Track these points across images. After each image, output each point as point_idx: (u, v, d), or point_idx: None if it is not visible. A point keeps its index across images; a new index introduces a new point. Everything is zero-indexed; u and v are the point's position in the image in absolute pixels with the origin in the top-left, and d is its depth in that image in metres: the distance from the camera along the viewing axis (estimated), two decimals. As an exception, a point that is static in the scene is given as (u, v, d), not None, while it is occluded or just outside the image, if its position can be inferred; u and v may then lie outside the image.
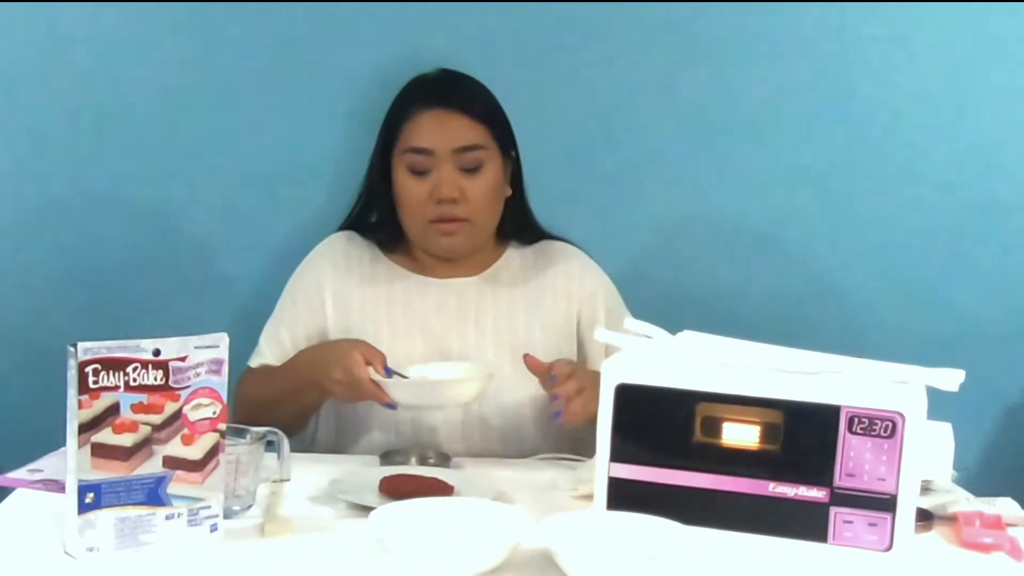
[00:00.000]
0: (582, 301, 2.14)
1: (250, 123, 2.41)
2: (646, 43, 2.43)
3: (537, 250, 2.19)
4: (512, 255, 2.17)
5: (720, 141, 2.47)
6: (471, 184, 2.04)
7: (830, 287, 2.51)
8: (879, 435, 1.47)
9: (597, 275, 2.18)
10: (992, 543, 1.58)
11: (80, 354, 1.40)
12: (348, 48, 2.40)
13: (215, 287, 2.44)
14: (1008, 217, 2.49)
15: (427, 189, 2.03)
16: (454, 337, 2.08)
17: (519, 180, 2.15)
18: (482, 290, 2.12)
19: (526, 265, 2.17)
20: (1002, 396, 2.53)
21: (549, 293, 2.14)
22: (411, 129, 2.04)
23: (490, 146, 2.06)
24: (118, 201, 2.42)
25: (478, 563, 1.41)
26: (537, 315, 2.12)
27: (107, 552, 1.44)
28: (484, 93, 2.11)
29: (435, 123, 2.04)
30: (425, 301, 2.10)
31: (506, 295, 2.12)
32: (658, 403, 1.55)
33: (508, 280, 2.14)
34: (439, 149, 2.02)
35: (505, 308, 2.12)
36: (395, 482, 1.69)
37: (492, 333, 2.09)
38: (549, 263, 2.16)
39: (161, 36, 2.38)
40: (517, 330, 2.10)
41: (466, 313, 2.10)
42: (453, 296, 2.11)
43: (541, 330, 2.11)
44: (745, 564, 1.50)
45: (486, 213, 2.08)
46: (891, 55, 2.44)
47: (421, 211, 2.04)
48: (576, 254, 2.19)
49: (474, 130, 2.04)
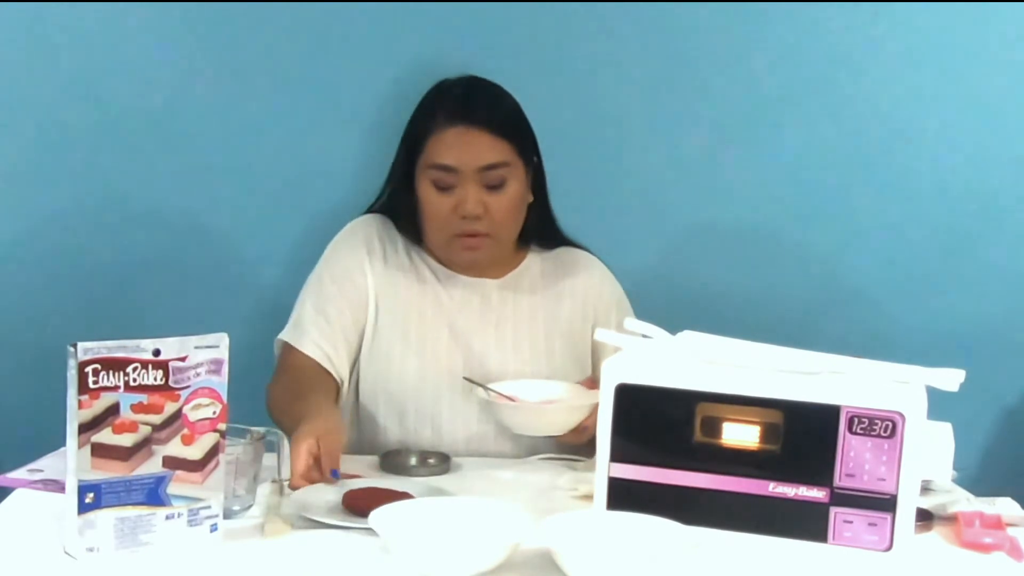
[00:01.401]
0: (597, 311, 2.15)
1: (263, 127, 2.41)
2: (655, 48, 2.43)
3: (557, 256, 2.19)
4: (533, 260, 2.18)
5: (722, 143, 2.47)
6: (494, 200, 2.04)
7: (830, 287, 2.51)
8: (879, 435, 1.47)
9: (614, 287, 2.19)
10: (992, 543, 1.58)
11: (80, 354, 1.40)
12: (364, 51, 2.39)
13: (222, 289, 2.44)
14: (1008, 217, 2.49)
15: (451, 204, 2.03)
16: (475, 336, 2.08)
17: (542, 185, 2.15)
18: (503, 294, 2.12)
19: (546, 271, 2.17)
20: (1002, 396, 2.54)
21: (567, 301, 2.14)
22: (435, 145, 2.03)
23: (514, 161, 2.05)
24: (119, 202, 2.42)
25: (478, 563, 1.41)
26: (556, 321, 2.13)
27: (107, 552, 1.44)
28: (508, 104, 2.09)
29: (459, 141, 2.02)
30: (452, 296, 2.11)
31: (526, 301, 2.13)
32: (658, 403, 1.55)
33: (528, 286, 2.15)
34: (463, 167, 2.02)
35: (525, 313, 2.12)
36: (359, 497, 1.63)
37: (512, 337, 2.10)
38: (569, 271, 2.17)
39: (174, 38, 2.38)
40: (537, 335, 2.11)
41: (488, 314, 2.11)
42: (476, 296, 2.11)
43: (560, 336, 2.12)
44: (745, 564, 1.50)
45: (509, 227, 2.08)
46: (893, 56, 2.44)
47: (445, 225, 2.04)
48: (596, 264, 2.19)
49: (498, 147, 2.03)
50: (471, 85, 2.11)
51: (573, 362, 2.11)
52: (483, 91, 2.10)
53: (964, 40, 2.44)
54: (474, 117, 2.04)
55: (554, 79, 2.41)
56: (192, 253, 2.44)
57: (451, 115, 2.04)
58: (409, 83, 2.20)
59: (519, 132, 2.08)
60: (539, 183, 2.14)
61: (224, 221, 2.44)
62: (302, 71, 2.40)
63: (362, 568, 1.45)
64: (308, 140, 2.42)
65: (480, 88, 2.11)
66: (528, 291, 2.14)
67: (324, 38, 2.40)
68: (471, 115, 2.04)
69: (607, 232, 2.40)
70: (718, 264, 2.51)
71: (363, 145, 2.39)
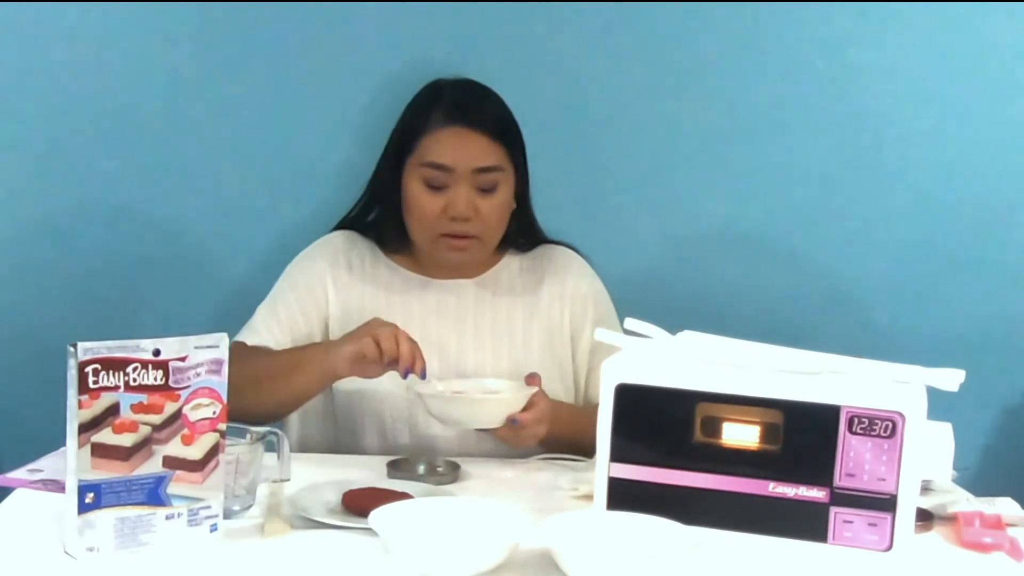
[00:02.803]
0: (573, 303, 2.15)
1: (252, 126, 2.41)
2: (651, 49, 2.43)
3: (535, 255, 2.19)
4: (511, 259, 2.18)
5: (722, 144, 2.47)
6: (485, 203, 2.04)
7: (830, 287, 2.51)
8: (879, 435, 1.47)
9: (591, 281, 2.18)
10: (992, 543, 1.58)
11: (80, 354, 1.40)
12: (350, 54, 2.40)
13: (216, 289, 2.44)
14: (1008, 217, 2.49)
15: (441, 204, 2.02)
16: (452, 338, 2.08)
17: (525, 191, 2.15)
18: (481, 294, 2.12)
19: (524, 269, 2.17)
20: (1002, 396, 2.54)
21: (545, 297, 2.14)
22: (430, 143, 2.03)
23: (506, 166, 2.06)
24: (118, 203, 2.42)
25: (478, 563, 1.41)
26: (535, 319, 2.13)
27: (107, 552, 1.44)
28: (503, 109, 2.10)
29: (456, 141, 2.03)
30: (425, 302, 2.10)
31: (505, 299, 2.13)
32: (658, 403, 1.55)
33: (507, 284, 2.15)
34: (459, 168, 2.02)
35: (504, 312, 2.12)
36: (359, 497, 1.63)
37: (490, 336, 2.10)
38: (546, 267, 2.17)
39: (164, 39, 2.38)
40: (515, 334, 2.11)
41: (464, 315, 2.10)
42: (452, 297, 2.11)
43: (538, 333, 2.12)
44: (745, 564, 1.50)
45: (496, 230, 2.09)
46: (892, 56, 2.44)
47: (433, 224, 2.04)
48: (573, 258, 2.19)
49: (493, 151, 2.04)
50: (469, 87, 2.11)
51: (552, 358, 2.10)
52: (481, 94, 2.11)
53: (965, 40, 2.44)
54: (473, 119, 2.04)
55: (550, 80, 2.42)
56: (190, 253, 2.44)
57: (449, 115, 2.04)
58: (396, 85, 2.20)
59: (513, 138, 2.09)
60: (523, 191, 2.13)
61: (221, 222, 2.44)
62: (292, 71, 2.41)
63: (362, 568, 1.45)
64: (299, 141, 2.43)
65: (478, 91, 2.11)
66: (506, 288, 2.14)
67: (311, 41, 2.40)
68: (469, 116, 2.04)
69: (607, 232, 2.41)
70: (718, 264, 2.51)
71: (350, 146, 2.39)
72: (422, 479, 1.83)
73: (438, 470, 1.88)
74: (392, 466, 1.87)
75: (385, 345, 1.85)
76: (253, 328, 2.06)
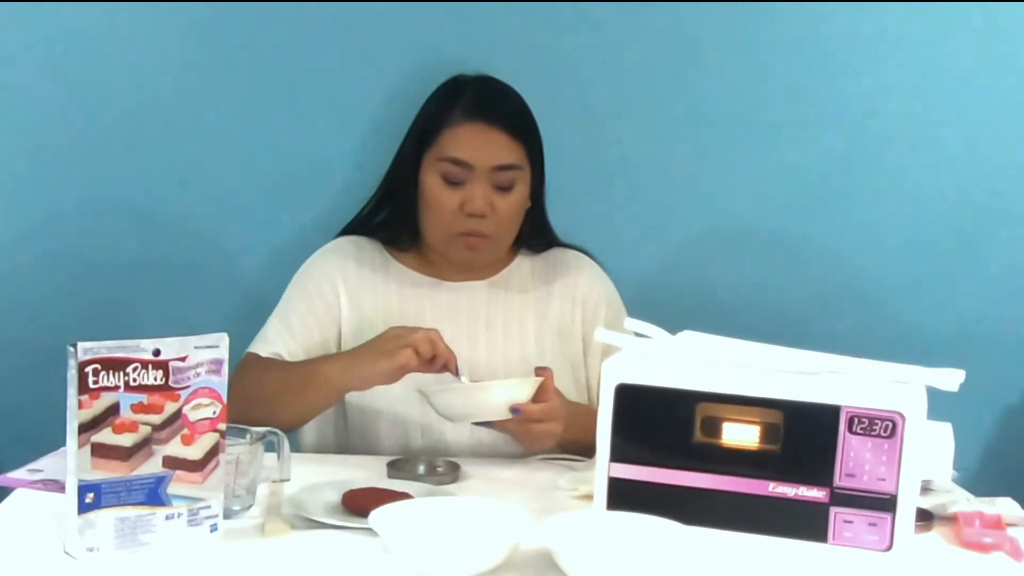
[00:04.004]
0: (586, 307, 2.15)
1: (260, 127, 2.41)
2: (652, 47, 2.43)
3: (548, 257, 2.19)
4: (523, 261, 2.18)
5: (722, 143, 2.47)
6: (501, 201, 2.03)
7: (830, 287, 2.51)
8: (879, 435, 1.47)
9: (604, 285, 2.18)
10: (992, 543, 1.58)
11: (80, 354, 1.40)
12: (360, 52, 2.40)
13: (220, 289, 2.44)
14: (1008, 216, 2.49)
15: (458, 200, 2.02)
16: (464, 339, 2.07)
17: (540, 194, 2.15)
18: (493, 295, 2.12)
19: (536, 270, 2.17)
20: (1002, 396, 2.54)
21: (557, 299, 2.14)
22: (451, 138, 2.03)
23: (524, 165, 2.06)
24: (122, 203, 2.42)
25: (478, 563, 1.41)
26: (546, 320, 2.13)
27: (107, 552, 1.44)
28: (524, 108, 2.09)
29: (477, 137, 2.02)
30: (436, 304, 2.10)
31: (517, 300, 2.13)
32: (658, 403, 1.55)
33: (518, 285, 2.14)
34: (479, 164, 2.01)
35: (516, 313, 2.12)
36: (359, 497, 1.63)
37: (502, 338, 2.10)
38: (559, 270, 2.17)
39: (170, 38, 2.38)
40: (527, 335, 2.11)
41: (476, 317, 2.10)
42: (464, 299, 2.11)
43: (550, 335, 2.12)
44: (745, 564, 1.50)
45: (510, 229, 2.09)
46: (894, 56, 2.45)
47: (450, 221, 2.04)
48: (587, 263, 2.19)
49: (514, 149, 2.04)
50: (491, 84, 2.11)
51: (564, 360, 2.10)
52: (503, 92, 2.10)
53: (967, 40, 2.44)
54: (494, 116, 2.03)
55: (554, 80, 2.41)
56: (191, 253, 2.44)
57: (470, 111, 2.03)
58: (407, 84, 2.21)
59: (533, 138, 2.09)
60: (538, 191, 2.13)
61: (223, 222, 2.44)
62: (299, 72, 2.41)
63: (362, 568, 1.45)
64: (307, 140, 2.42)
65: (500, 89, 2.11)
66: (518, 290, 2.14)
67: (320, 39, 2.40)
68: (491, 113, 2.03)
69: (607, 232, 2.41)
70: (718, 264, 2.51)
71: (360, 144, 2.39)
72: (422, 479, 1.82)
73: (438, 470, 1.87)
74: (392, 466, 1.86)
75: (424, 349, 1.84)
76: (265, 339, 2.06)
